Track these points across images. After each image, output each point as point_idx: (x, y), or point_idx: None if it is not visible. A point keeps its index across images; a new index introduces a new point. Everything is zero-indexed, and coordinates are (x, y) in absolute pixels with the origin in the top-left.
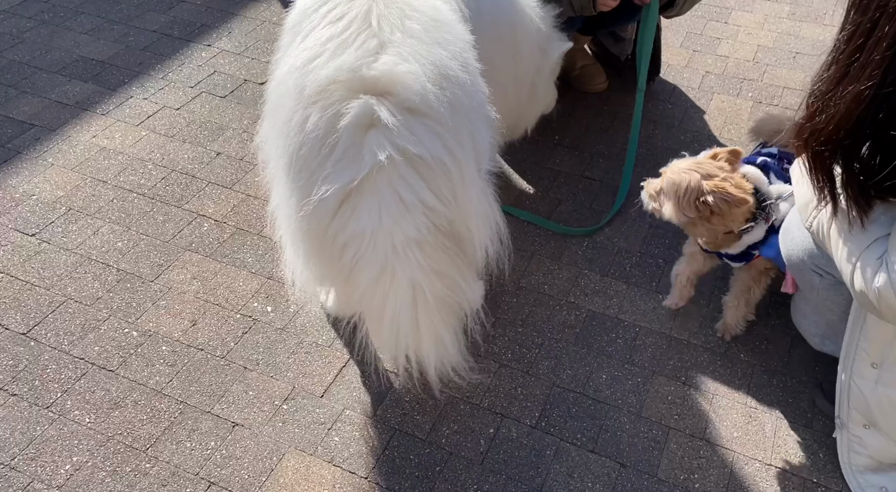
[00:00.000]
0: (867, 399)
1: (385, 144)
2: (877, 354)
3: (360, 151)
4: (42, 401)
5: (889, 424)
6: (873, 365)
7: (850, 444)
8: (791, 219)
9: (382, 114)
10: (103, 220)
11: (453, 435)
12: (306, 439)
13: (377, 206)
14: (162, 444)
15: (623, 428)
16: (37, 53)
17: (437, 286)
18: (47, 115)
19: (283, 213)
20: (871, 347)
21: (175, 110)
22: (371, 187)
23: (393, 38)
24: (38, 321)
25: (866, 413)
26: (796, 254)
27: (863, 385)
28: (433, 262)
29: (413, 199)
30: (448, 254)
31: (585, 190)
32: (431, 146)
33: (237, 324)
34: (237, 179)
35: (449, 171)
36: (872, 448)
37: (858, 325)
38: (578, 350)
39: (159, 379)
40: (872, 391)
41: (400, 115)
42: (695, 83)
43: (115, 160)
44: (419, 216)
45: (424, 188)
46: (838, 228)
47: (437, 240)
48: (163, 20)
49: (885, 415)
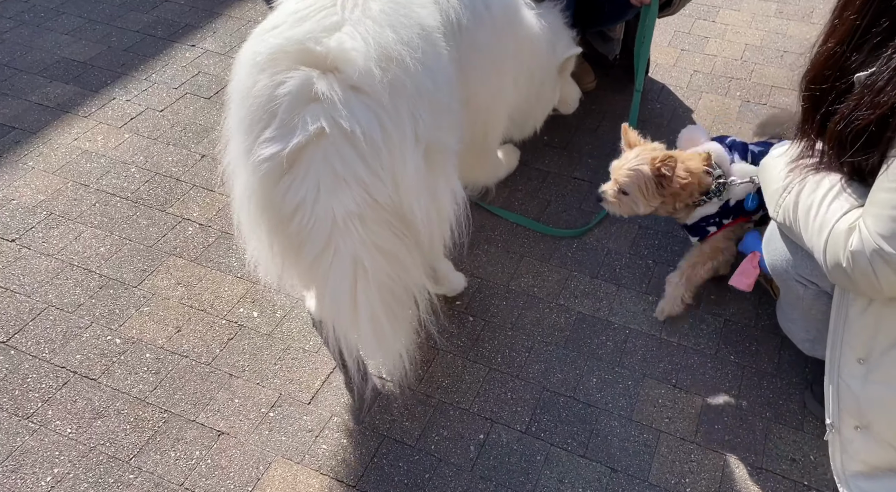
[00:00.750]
0: (857, 398)
1: (319, 116)
2: (862, 349)
3: (295, 121)
4: (22, 411)
5: (881, 422)
6: (860, 361)
7: (843, 448)
8: (773, 229)
9: (320, 87)
10: (85, 224)
11: (443, 441)
12: (293, 447)
13: (315, 177)
14: (146, 454)
15: (614, 432)
16: (17, 54)
17: (381, 264)
18: (28, 117)
19: (234, 172)
20: (855, 341)
21: (159, 112)
22: (308, 158)
23: (352, 17)
24: (18, 329)
25: (857, 413)
26: (780, 264)
27: (852, 383)
28: (377, 238)
29: (347, 172)
30: (394, 232)
31: (574, 191)
32: (366, 123)
33: (223, 330)
34: (222, 182)
35: (380, 149)
36: (865, 452)
37: (841, 320)
38: (568, 353)
39: (143, 387)
40: (861, 389)
41: (341, 91)
42: (683, 82)
43: (97, 163)
44: (357, 190)
45: (358, 163)
46: (806, 208)
47: (381, 216)
48: (146, 20)
49: (876, 413)
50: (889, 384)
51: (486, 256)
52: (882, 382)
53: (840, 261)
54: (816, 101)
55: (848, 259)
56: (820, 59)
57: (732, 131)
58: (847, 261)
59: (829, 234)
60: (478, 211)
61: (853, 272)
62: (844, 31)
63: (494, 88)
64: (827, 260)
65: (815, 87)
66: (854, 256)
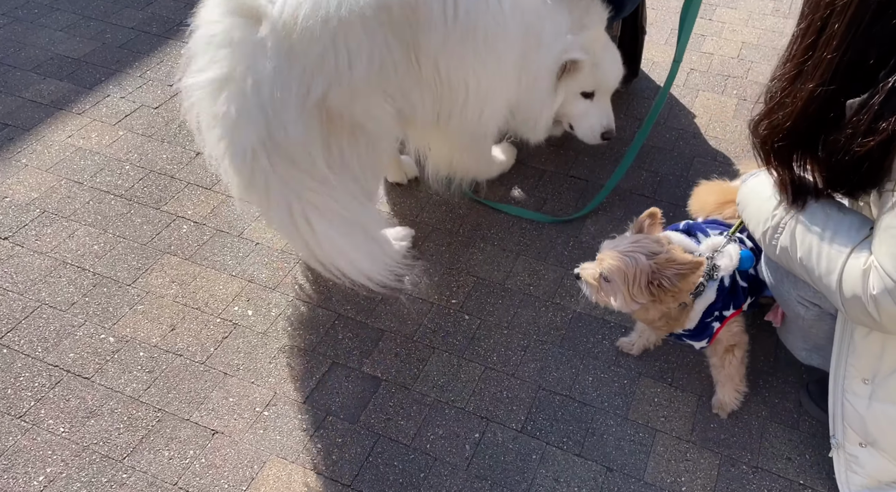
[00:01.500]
0: (862, 417)
1: (229, 60)
2: (867, 370)
3: (224, 57)
4: (15, 410)
5: (888, 441)
6: (864, 381)
7: (848, 464)
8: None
9: (236, 35)
10: (79, 222)
11: (438, 440)
12: (288, 446)
13: (229, 113)
14: (139, 453)
15: (610, 431)
16: (10, 51)
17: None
18: (21, 114)
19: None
20: (860, 362)
21: (153, 109)
22: (225, 95)
23: None
24: (10, 327)
25: (862, 431)
26: (782, 286)
27: (856, 403)
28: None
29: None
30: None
31: (571, 189)
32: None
33: (217, 328)
34: (217, 179)
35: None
36: (871, 467)
37: (846, 342)
38: (564, 352)
39: (137, 386)
40: (867, 408)
41: (252, 43)
42: (679, 81)
43: (91, 161)
44: (257, 128)
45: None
46: (807, 249)
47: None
48: (140, 17)
49: (883, 432)
50: (895, 404)
51: (481, 255)
52: (888, 401)
53: (866, 305)
54: (797, 138)
55: (874, 304)
56: (802, 103)
57: (729, 130)
58: (873, 305)
59: (839, 277)
60: (473, 209)
61: (880, 317)
62: (824, 70)
63: (491, 74)
64: (845, 304)
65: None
66: (878, 301)
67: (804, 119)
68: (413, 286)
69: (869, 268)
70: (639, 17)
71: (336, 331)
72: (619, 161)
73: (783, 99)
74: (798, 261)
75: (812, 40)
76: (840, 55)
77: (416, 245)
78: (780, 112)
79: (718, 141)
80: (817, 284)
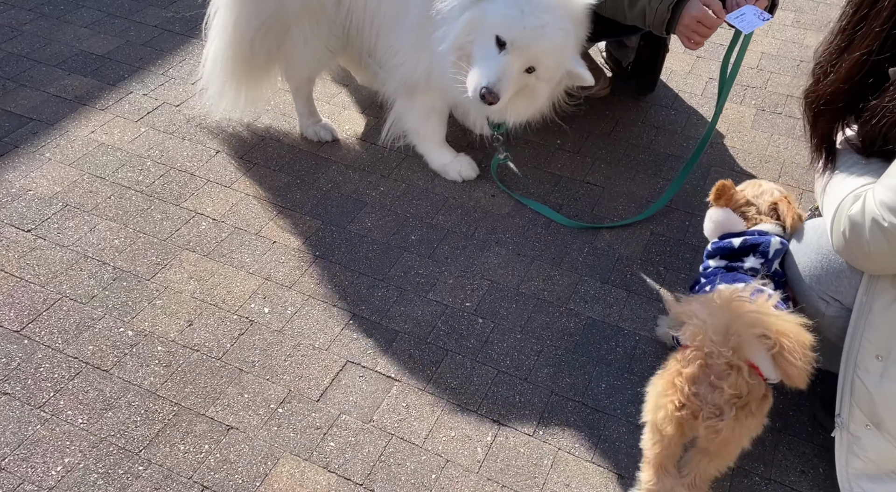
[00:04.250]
0: (871, 395)
1: None
2: (882, 345)
3: None
4: (34, 400)
5: (893, 420)
6: (878, 357)
7: (850, 446)
8: (796, 247)
9: None
10: (100, 217)
11: (450, 442)
12: (301, 443)
13: None
14: (155, 446)
15: (622, 438)
16: (36, 46)
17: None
18: (46, 109)
19: None
20: (876, 336)
21: (175, 107)
22: None
23: None
24: (32, 319)
25: (870, 411)
26: (805, 280)
27: (867, 380)
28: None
29: None
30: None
31: (587, 195)
32: None
33: (234, 325)
34: (236, 177)
35: None
36: (873, 451)
37: (864, 314)
38: (577, 358)
39: (154, 380)
40: (877, 386)
41: None
42: (698, 89)
43: (113, 156)
44: None
45: None
46: (824, 184)
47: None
48: (164, 15)
49: (891, 411)
50: None
51: (496, 259)
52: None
53: (841, 225)
54: (839, 103)
55: (846, 223)
56: (849, 68)
57: (747, 139)
58: (846, 224)
59: (838, 205)
60: (489, 213)
61: (849, 237)
62: (872, 39)
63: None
64: (833, 228)
65: (840, 91)
66: (852, 221)
67: (847, 84)
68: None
69: (860, 194)
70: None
71: (351, 330)
72: (636, 168)
73: (830, 69)
74: (822, 208)
75: (864, 13)
76: (890, 27)
77: (431, 248)
78: (826, 80)
79: (736, 151)
80: (828, 223)
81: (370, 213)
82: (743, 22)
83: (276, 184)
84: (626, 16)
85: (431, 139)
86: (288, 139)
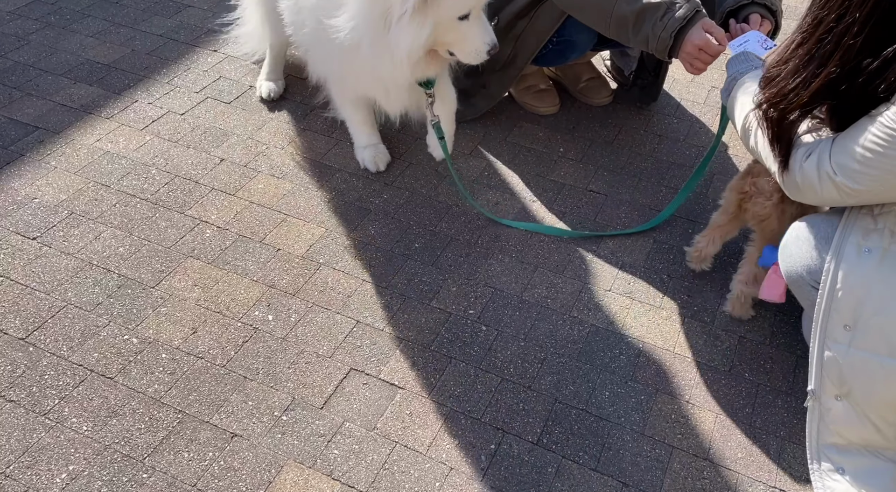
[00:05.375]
0: (840, 365)
1: None
2: (849, 315)
3: None
4: (39, 407)
5: (862, 390)
6: (846, 327)
7: (821, 417)
8: (789, 236)
9: None
10: (105, 224)
11: (454, 450)
12: (305, 451)
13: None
14: (160, 453)
15: (626, 446)
16: (42, 55)
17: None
18: (51, 117)
19: None
20: (843, 306)
21: (180, 115)
22: None
23: None
24: (37, 326)
25: (839, 381)
26: (795, 270)
27: (836, 349)
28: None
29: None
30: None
31: (590, 203)
32: None
33: (238, 332)
34: (241, 185)
35: None
36: (842, 423)
37: (832, 285)
38: (581, 366)
39: (158, 387)
40: (845, 355)
41: None
42: (700, 98)
43: (118, 164)
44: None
45: None
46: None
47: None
48: (169, 24)
49: (858, 380)
50: (872, 352)
51: (499, 266)
52: (865, 349)
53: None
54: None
55: (799, 174)
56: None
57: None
58: (799, 176)
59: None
60: (492, 220)
61: (802, 185)
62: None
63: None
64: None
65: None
66: (806, 174)
67: (819, 97)
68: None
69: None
70: None
71: (354, 338)
72: (639, 177)
73: (792, 81)
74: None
75: (830, 27)
76: (863, 40)
77: (434, 255)
78: (791, 94)
79: (739, 158)
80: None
81: (374, 220)
82: (745, 50)
83: (279, 191)
84: (629, 40)
85: (351, 122)
86: (291, 147)
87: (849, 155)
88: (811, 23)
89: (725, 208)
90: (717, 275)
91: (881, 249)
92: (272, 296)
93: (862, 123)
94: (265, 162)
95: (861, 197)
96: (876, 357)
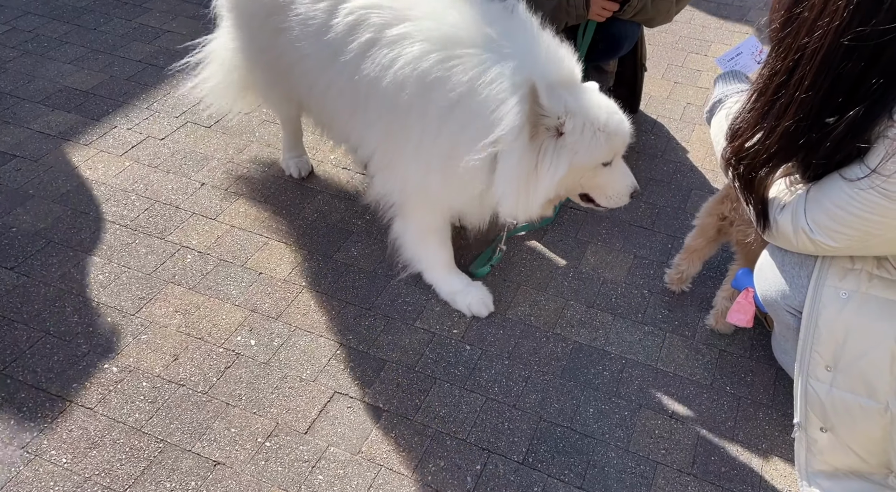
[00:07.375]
0: (823, 403)
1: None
2: (829, 357)
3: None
4: (18, 441)
5: (845, 428)
6: (827, 368)
7: (808, 447)
8: (764, 260)
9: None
10: (84, 252)
11: (440, 472)
12: (289, 477)
13: None
14: (141, 484)
15: (611, 463)
16: (20, 83)
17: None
18: (29, 145)
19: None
20: (823, 348)
21: (159, 140)
22: None
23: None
24: (14, 358)
25: (822, 416)
26: (771, 295)
27: (818, 388)
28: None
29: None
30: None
31: (571, 220)
32: None
33: (220, 358)
34: (221, 209)
35: None
36: (829, 453)
37: (812, 327)
38: (565, 383)
39: (139, 416)
40: (827, 394)
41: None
42: (676, 114)
43: (97, 191)
44: None
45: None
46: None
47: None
48: (147, 50)
49: (841, 419)
50: (854, 393)
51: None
52: (847, 390)
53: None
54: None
55: (775, 227)
56: (777, 138)
57: None
58: (775, 229)
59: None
60: (474, 241)
61: (777, 237)
62: (798, 108)
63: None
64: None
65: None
66: (781, 228)
67: (782, 152)
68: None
69: (789, 203)
70: (638, 53)
71: (338, 361)
72: None
73: (752, 135)
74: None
75: (783, 81)
76: (814, 94)
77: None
78: (755, 148)
79: (715, 174)
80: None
81: (356, 242)
82: (737, 65)
83: (261, 215)
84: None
85: (435, 265)
86: (273, 170)
87: (824, 212)
88: (767, 74)
89: (703, 232)
90: (697, 289)
91: (858, 293)
92: (254, 320)
93: (836, 181)
94: (246, 185)
95: (838, 252)
96: (857, 398)
